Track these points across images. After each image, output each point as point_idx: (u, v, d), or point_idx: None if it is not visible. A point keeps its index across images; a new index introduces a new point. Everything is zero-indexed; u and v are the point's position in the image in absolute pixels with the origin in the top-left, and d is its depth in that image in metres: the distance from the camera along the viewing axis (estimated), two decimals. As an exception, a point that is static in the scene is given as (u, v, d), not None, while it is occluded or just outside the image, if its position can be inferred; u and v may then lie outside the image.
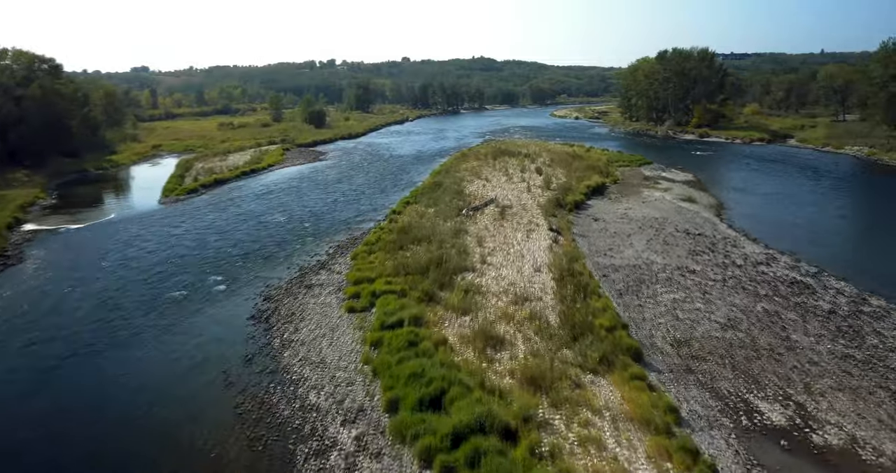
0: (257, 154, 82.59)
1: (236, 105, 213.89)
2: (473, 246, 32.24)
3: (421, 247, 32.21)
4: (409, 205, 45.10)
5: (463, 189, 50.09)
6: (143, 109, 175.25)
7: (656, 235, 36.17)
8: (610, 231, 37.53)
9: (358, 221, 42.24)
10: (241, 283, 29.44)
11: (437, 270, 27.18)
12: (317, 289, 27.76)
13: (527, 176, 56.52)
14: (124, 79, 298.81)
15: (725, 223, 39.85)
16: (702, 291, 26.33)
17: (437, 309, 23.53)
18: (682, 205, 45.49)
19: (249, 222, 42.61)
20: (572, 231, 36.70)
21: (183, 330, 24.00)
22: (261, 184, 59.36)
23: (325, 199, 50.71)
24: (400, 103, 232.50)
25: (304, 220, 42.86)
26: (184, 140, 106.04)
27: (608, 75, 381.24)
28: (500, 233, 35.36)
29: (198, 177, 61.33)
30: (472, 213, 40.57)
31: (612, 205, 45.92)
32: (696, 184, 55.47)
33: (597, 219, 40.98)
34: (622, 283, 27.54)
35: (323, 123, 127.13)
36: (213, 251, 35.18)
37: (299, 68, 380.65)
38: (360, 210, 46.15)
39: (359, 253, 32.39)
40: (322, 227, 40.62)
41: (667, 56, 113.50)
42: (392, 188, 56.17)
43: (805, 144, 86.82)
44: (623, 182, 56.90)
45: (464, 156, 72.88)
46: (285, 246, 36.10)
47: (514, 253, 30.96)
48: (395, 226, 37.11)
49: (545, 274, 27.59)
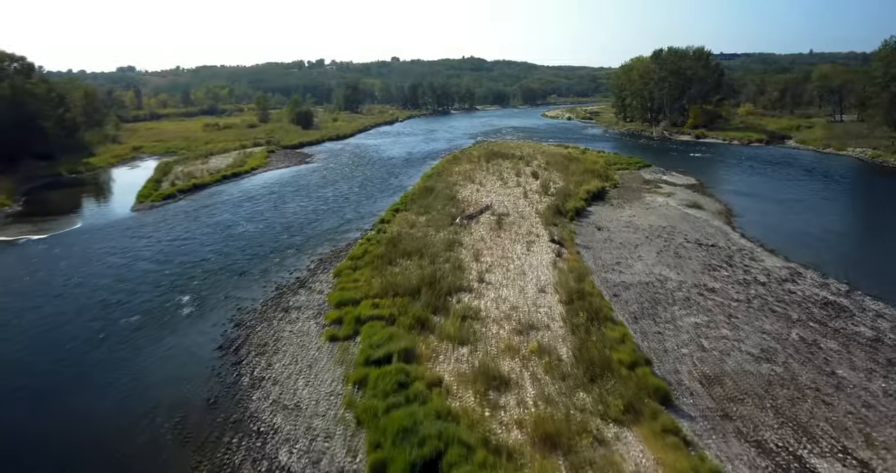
0: (241, 156, 79.25)
1: (223, 105, 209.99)
2: (469, 261, 29.33)
3: (412, 262, 29.31)
4: (398, 212, 42.16)
5: (456, 194, 47.21)
6: (126, 110, 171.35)
7: (666, 246, 33.42)
8: (616, 241, 34.75)
9: (343, 231, 39.19)
10: (210, 305, 26.33)
11: (429, 291, 24.22)
12: (294, 313, 24.72)
13: (522, 180, 53.73)
14: (110, 79, 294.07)
15: (738, 232, 37.16)
16: (726, 314, 23.55)
17: (431, 340, 20.57)
18: (688, 211, 42.81)
19: (226, 232, 39.46)
20: (576, 242, 33.86)
21: (138, 365, 20.86)
22: (242, 190, 56.12)
23: (308, 206, 47.60)
24: (389, 103, 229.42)
25: (284, 230, 39.75)
26: (166, 141, 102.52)
27: (598, 75, 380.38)
28: (498, 245, 32.46)
29: (175, 182, 57.95)
30: (466, 222, 37.66)
31: (614, 211, 43.17)
32: (699, 189, 52.87)
33: (600, 227, 38.18)
34: (636, 305, 24.71)
35: (310, 124, 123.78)
36: (182, 266, 32.00)
37: (288, 68, 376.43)
38: (346, 218, 43.09)
39: (343, 270, 29.36)
40: (304, 238, 37.54)
41: (662, 55, 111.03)
42: (381, 193, 53.13)
43: (805, 145, 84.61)
44: (623, 186, 54.22)
45: (455, 158, 70.07)
46: (263, 260, 33.00)
47: (514, 270, 28.07)
48: (384, 237, 34.15)
49: (551, 294, 24.71)
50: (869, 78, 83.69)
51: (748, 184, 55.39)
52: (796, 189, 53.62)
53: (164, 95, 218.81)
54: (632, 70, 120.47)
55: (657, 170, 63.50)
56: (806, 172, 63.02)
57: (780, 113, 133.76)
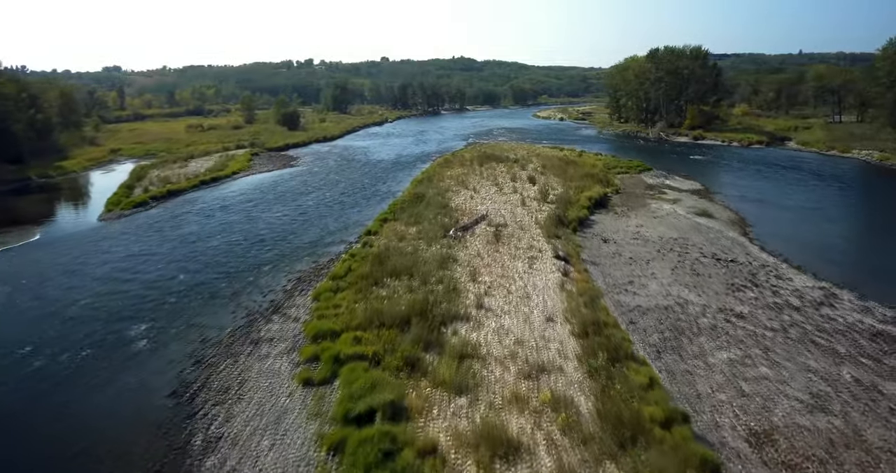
0: (222, 159, 75.63)
1: (209, 106, 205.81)
2: (465, 282, 26.11)
3: (400, 283, 26.07)
4: (386, 222, 38.88)
5: (448, 202, 44.00)
6: (109, 110, 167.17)
7: (681, 262, 30.36)
8: (625, 256, 31.65)
9: (326, 244, 35.83)
10: (169, 336, 22.93)
11: (420, 322, 20.94)
12: (265, 347, 21.38)
13: (518, 185, 50.61)
14: (95, 78, 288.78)
15: (756, 245, 34.16)
16: (762, 347, 20.46)
17: (423, 386, 17.31)
18: (698, 221, 39.83)
19: (197, 245, 36.01)
20: (582, 257, 30.72)
21: (73, 417, 17.47)
22: (220, 196, 52.57)
23: (290, 215, 44.19)
24: (379, 104, 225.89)
25: (262, 242, 36.34)
26: (147, 143, 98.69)
27: (589, 75, 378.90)
28: (497, 261, 29.25)
29: (149, 188, 54.32)
30: (460, 234, 34.44)
31: (619, 221, 40.11)
32: (705, 195, 49.94)
33: (606, 239, 35.08)
34: (656, 334, 21.59)
35: (297, 125, 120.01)
36: (144, 287, 28.53)
37: (276, 68, 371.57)
38: (330, 229, 39.72)
39: (323, 292, 26.02)
40: (283, 252, 34.15)
41: (658, 54, 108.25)
42: (368, 201, 49.78)
43: (807, 147, 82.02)
44: (625, 191, 51.21)
45: (447, 161, 66.83)
46: (235, 278, 29.59)
47: (516, 292, 24.87)
48: (369, 252, 30.86)
49: (561, 324, 21.52)
50: (872, 78, 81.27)
51: (757, 190, 52.48)
52: (809, 194, 50.82)
53: (149, 96, 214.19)
54: (627, 70, 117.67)
55: (659, 174, 60.60)
56: (815, 176, 60.27)
57: (775, 113, 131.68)
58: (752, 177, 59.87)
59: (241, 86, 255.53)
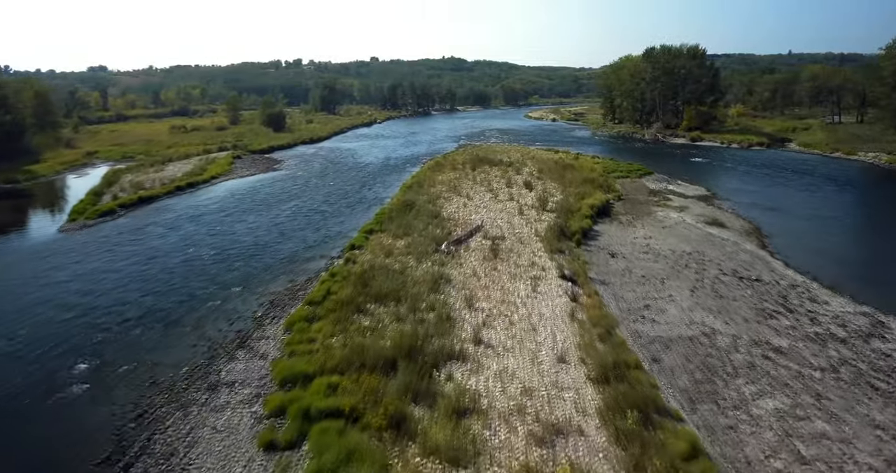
0: (202, 162, 71.96)
1: (195, 106, 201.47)
2: (461, 309, 22.84)
3: (386, 310, 22.79)
4: (372, 234, 35.56)
5: (440, 210, 40.78)
6: (91, 111, 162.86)
7: (700, 281, 27.24)
8: (636, 273, 28.50)
9: (305, 259, 32.41)
10: (114, 378, 19.49)
11: (409, 365, 17.65)
12: (224, 394, 17.99)
13: (514, 191, 47.46)
14: (79, 79, 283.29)
15: (779, 260, 31.06)
16: (812, 393, 17.33)
17: (411, 455, 13.95)
18: (711, 231, 36.78)
19: (164, 261, 32.50)
20: (590, 275, 27.51)
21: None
22: (195, 203, 48.98)
23: (269, 225, 40.74)
24: (368, 104, 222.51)
25: (235, 258, 32.87)
26: (126, 145, 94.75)
27: (580, 76, 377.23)
28: (496, 282, 26.00)
29: (118, 195, 50.63)
30: (454, 249, 31.17)
31: (626, 231, 36.98)
32: (712, 201, 46.95)
33: (614, 253, 31.92)
34: (686, 376, 18.40)
35: (282, 126, 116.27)
36: (94, 314, 25.00)
37: (264, 68, 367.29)
38: (311, 241, 36.31)
39: (297, 321, 22.66)
40: (256, 270, 30.71)
41: (654, 53, 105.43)
42: (353, 209, 46.38)
43: (809, 149, 79.41)
44: (628, 198, 48.14)
45: (438, 165, 63.57)
46: (200, 303, 26.16)
47: (520, 323, 21.61)
48: (352, 271, 27.52)
49: (575, 366, 18.27)
50: (876, 77, 78.74)
51: (767, 196, 49.51)
52: (823, 201, 47.94)
53: (132, 96, 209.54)
54: (622, 69, 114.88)
55: (661, 179, 57.63)
56: (825, 180, 57.40)
57: (771, 114, 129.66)
58: (760, 182, 56.97)
59: (229, 86, 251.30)
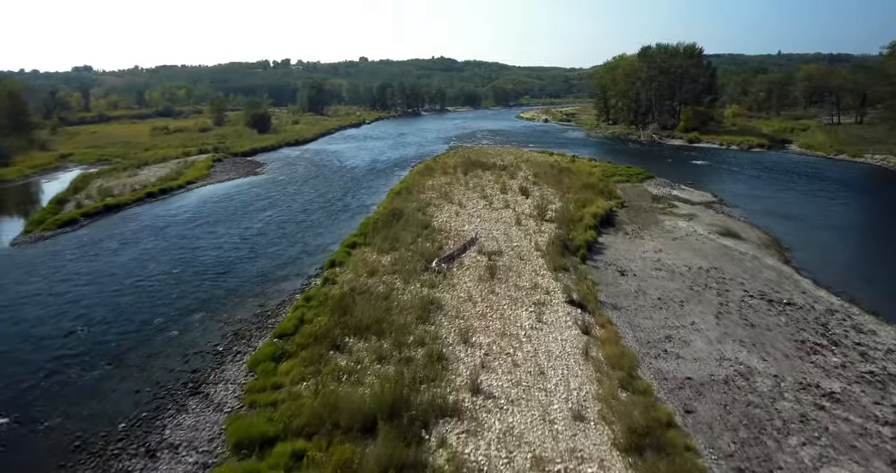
0: (180, 166, 68.21)
1: (180, 107, 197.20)
2: (455, 344, 19.53)
3: (367, 346, 19.47)
4: (355, 248, 32.18)
5: (430, 220, 37.49)
6: (72, 111, 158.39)
7: (724, 304, 24.10)
8: (651, 295, 25.31)
9: (279, 279, 28.94)
10: (33, 439, 15.98)
11: (391, 428, 14.30)
12: (165, 463, 14.55)
13: (510, 198, 44.26)
14: (63, 79, 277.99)
15: (807, 277, 27.95)
16: (886, 458, 14.17)
17: None
18: (726, 243, 33.69)
19: (119, 280, 28.90)
20: (600, 298, 24.31)
21: None
22: (165, 212, 45.32)
23: (242, 237, 37.22)
24: (357, 104, 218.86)
25: (200, 277, 29.34)
26: (103, 147, 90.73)
27: (570, 76, 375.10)
28: (494, 308, 22.70)
29: (83, 203, 46.85)
30: (445, 267, 27.85)
31: (633, 244, 33.82)
32: (721, 209, 43.94)
33: (624, 271, 28.72)
34: (728, 434, 15.17)
35: (267, 128, 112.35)
36: (21, 350, 21.39)
37: (252, 68, 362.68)
38: (286, 257, 32.83)
39: (262, 359, 19.24)
40: (223, 291, 27.22)
41: (650, 52, 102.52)
42: (336, 218, 42.93)
43: (812, 151, 76.77)
44: (631, 205, 45.03)
45: (428, 169, 60.26)
46: (153, 333, 22.67)
47: (526, 364, 18.31)
48: (330, 295, 24.14)
49: (595, 426, 14.97)
50: (882, 76, 76.13)
51: (779, 203, 46.50)
52: (840, 208, 44.92)
53: (115, 96, 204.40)
54: (616, 69, 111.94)
55: (663, 183, 54.59)
56: (838, 185, 54.47)
57: (767, 114, 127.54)
58: (768, 187, 53.99)
59: (216, 86, 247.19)
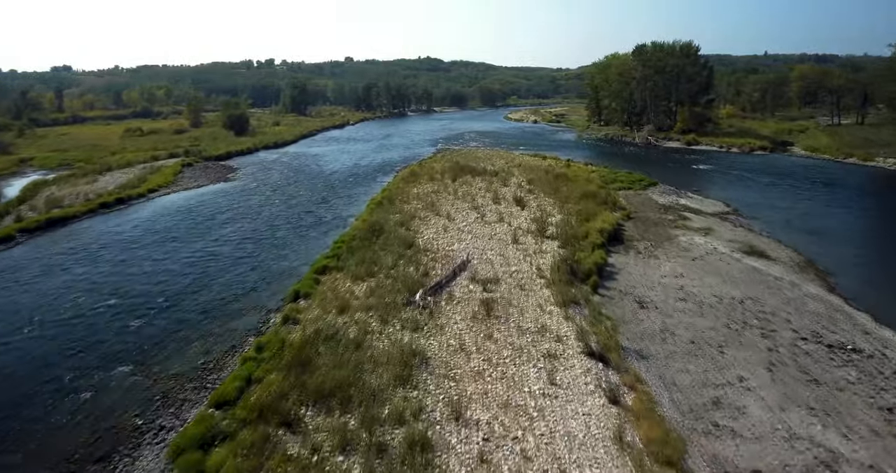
0: (145, 171, 63.02)
1: (159, 108, 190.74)
2: (444, 423, 14.79)
3: (329, 422, 14.73)
4: (326, 272, 27.42)
5: (414, 237, 32.84)
6: (44, 112, 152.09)
7: (773, 349, 19.58)
8: (681, 336, 20.76)
9: (231, 315, 23.99)
10: None
11: None
12: None
13: (504, 209, 39.76)
14: (41, 78, 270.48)
15: (861, 311, 23.47)
16: None
17: None
18: (754, 265, 29.25)
19: (38, 318, 23.79)
20: (622, 344, 19.71)
21: None
22: (116, 226, 40.11)
23: (196, 258, 32.17)
24: (343, 105, 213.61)
25: (136, 313, 24.27)
26: (67, 151, 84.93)
27: (557, 76, 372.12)
28: (493, 364, 17.97)
29: (23, 216, 41.52)
30: (431, 300, 23.14)
31: (647, 265, 29.28)
32: (738, 221, 39.61)
33: (643, 302, 24.17)
34: None
35: (245, 129, 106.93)
36: None
37: (235, 68, 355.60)
38: (245, 285, 27.82)
39: (188, 445, 14.41)
40: (161, 332, 22.22)
41: (645, 51, 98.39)
42: (307, 235, 37.95)
43: (818, 154, 72.91)
44: (637, 216, 40.57)
45: (413, 174, 55.58)
46: (60, 396, 17.69)
47: (538, 454, 13.57)
48: (289, 343, 19.36)
49: None
50: (890, 77, 72.52)
51: (799, 214, 42.18)
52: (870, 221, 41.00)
53: (90, 97, 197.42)
54: (609, 68, 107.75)
55: (668, 191, 50.24)
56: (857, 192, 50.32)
57: (761, 115, 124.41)
58: (783, 194, 49.58)
59: (198, 86, 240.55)
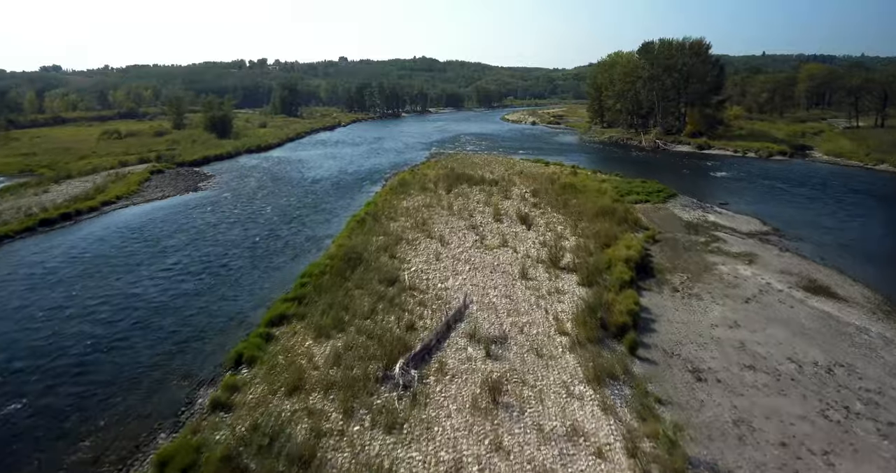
0: (108, 179, 56.90)
1: (146, 108, 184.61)
2: None
3: None
4: (282, 324, 21.29)
5: (399, 269, 26.80)
6: (23, 113, 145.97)
7: (905, 463, 13.63)
8: (766, 434, 14.79)
9: (144, 394, 17.74)
10: None
11: None
12: None
13: (506, 228, 33.87)
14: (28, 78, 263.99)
15: None
16: None
17: None
18: (824, 308, 23.27)
19: None
20: (688, 455, 13.69)
21: None
22: (43, 250, 33.83)
23: (121, 301, 25.73)
24: (336, 105, 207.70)
25: (13, 394, 18.25)
26: (36, 155, 78.64)
27: (554, 76, 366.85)
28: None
29: (-57, 237, 35.42)
30: (415, 375, 17.02)
31: (689, 309, 23.22)
32: (782, 243, 33.63)
33: (700, 374, 18.10)
34: None
35: (228, 132, 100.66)
36: None
37: (227, 68, 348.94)
38: (175, 342, 21.44)
39: None
40: (40, 426, 16.17)
41: (652, 49, 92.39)
42: (269, 264, 31.55)
43: (844, 160, 66.99)
44: (663, 237, 34.52)
45: (403, 184, 49.43)
46: None
47: None
48: (206, 458, 13.28)
49: None
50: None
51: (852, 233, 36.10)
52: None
53: (74, 97, 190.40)
54: (613, 67, 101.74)
55: (691, 204, 44.25)
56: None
57: (770, 116, 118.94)
58: (826, 210, 42.72)
59: (188, 87, 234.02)
